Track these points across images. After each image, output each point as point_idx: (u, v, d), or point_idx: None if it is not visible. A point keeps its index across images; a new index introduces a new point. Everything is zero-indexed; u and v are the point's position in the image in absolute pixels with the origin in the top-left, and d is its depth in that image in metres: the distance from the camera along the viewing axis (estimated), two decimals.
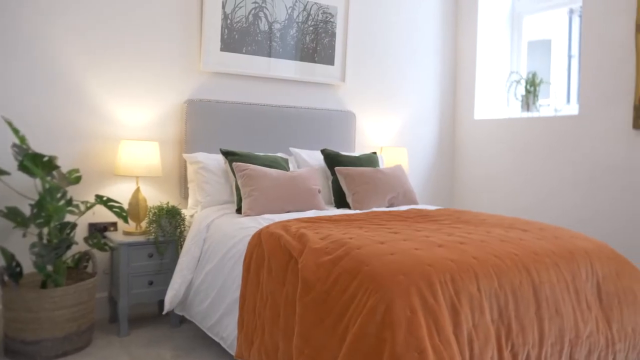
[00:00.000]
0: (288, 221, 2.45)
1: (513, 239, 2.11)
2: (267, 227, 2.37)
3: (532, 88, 4.09)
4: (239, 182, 2.90)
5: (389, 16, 4.21)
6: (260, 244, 2.29)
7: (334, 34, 3.88)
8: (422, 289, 1.68)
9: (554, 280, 1.96)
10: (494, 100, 4.51)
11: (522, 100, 4.15)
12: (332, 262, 1.90)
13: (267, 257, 2.21)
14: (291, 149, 3.51)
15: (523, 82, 4.19)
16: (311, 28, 3.77)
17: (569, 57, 4.35)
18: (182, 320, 3.00)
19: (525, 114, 4.12)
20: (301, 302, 1.88)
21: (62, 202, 2.59)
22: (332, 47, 3.88)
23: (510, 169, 4.13)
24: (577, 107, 3.76)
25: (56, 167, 2.55)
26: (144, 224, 3.02)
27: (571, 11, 4.24)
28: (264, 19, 3.56)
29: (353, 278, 1.78)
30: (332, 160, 3.38)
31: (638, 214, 3.34)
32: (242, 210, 2.82)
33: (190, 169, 3.17)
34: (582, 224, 3.61)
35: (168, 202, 3.02)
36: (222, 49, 3.42)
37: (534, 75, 4.11)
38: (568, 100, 4.18)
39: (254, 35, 3.53)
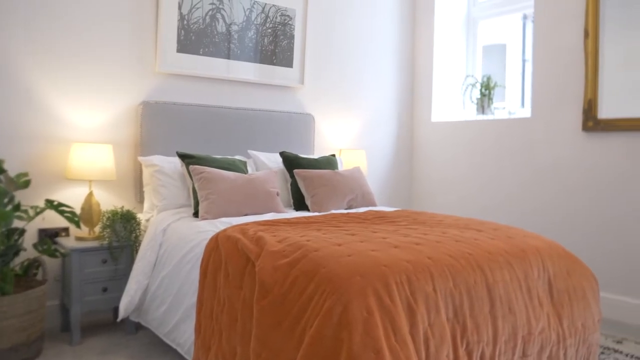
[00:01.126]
0: (246, 224, 2.43)
1: (468, 239, 2.15)
2: (225, 230, 2.34)
3: (487, 91, 4.19)
4: (195, 186, 2.86)
5: (348, 20, 4.24)
6: (217, 247, 2.27)
7: (292, 37, 3.87)
8: (379, 289, 1.69)
9: (507, 279, 2.00)
10: (451, 103, 4.59)
11: (477, 103, 4.25)
12: (289, 265, 1.89)
13: (224, 261, 2.18)
14: (250, 151, 3.48)
15: (478, 86, 4.29)
16: (270, 30, 3.76)
17: (523, 61, 4.47)
18: (138, 327, 2.93)
19: (481, 117, 4.22)
20: (258, 306, 1.87)
21: (9, 207, 2.49)
22: (291, 50, 3.87)
23: (467, 171, 4.21)
24: (530, 110, 3.86)
25: (3, 171, 2.45)
26: (97, 229, 2.94)
27: (525, 17, 4.36)
28: (221, 21, 3.53)
29: (310, 280, 1.78)
30: (291, 162, 3.38)
31: (588, 213, 3.46)
32: (199, 214, 2.78)
33: (145, 172, 3.10)
34: (535, 224, 3.71)
35: (123, 207, 2.95)
36: (178, 50, 3.37)
37: (489, 78, 4.21)
38: (523, 104, 4.30)
39: (212, 36, 3.49)
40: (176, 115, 3.30)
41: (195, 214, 2.87)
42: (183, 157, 3.02)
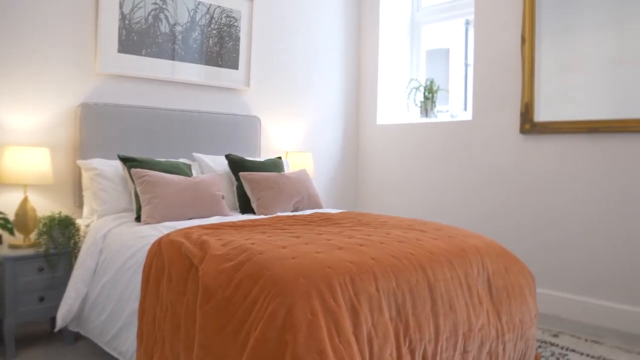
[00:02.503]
0: (190, 228, 2.39)
1: (410, 240, 2.19)
2: (168, 235, 2.29)
3: (430, 95, 4.29)
4: (138, 189, 2.79)
5: (294, 23, 4.25)
6: (160, 252, 2.22)
7: (238, 38, 3.84)
8: (323, 291, 1.70)
9: (448, 278, 2.06)
10: (396, 106, 4.68)
11: (421, 107, 4.34)
12: (233, 268, 1.88)
13: (167, 266, 2.14)
14: (194, 154, 3.43)
15: (422, 89, 4.38)
16: (215, 31, 3.72)
17: (466, 65, 4.60)
18: (77, 337, 2.82)
19: (424, 120, 4.31)
20: (202, 311, 1.84)
21: None
22: (237, 52, 3.84)
23: (412, 172, 4.29)
24: (471, 113, 3.98)
25: None
26: (33, 235, 2.82)
27: (467, 22, 4.49)
28: (164, 21, 3.46)
29: (254, 283, 1.77)
30: (237, 165, 3.35)
31: (524, 212, 3.60)
32: (142, 219, 2.71)
33: (85, 176, 3.00)
34: (475, 223, 3.82)
35: (60, 212, 2.84)
36: (120, 51, 3.28)
37: (432, 82, 4.31)
38: (465, 107, 4.42)
39: (154, 37, 3.42)
40: (118, 118, 3.21)
41: (138, 219, 2.80)
42: (125, 160, 2.94)
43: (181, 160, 3.29)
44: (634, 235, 3.11)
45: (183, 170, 3.05)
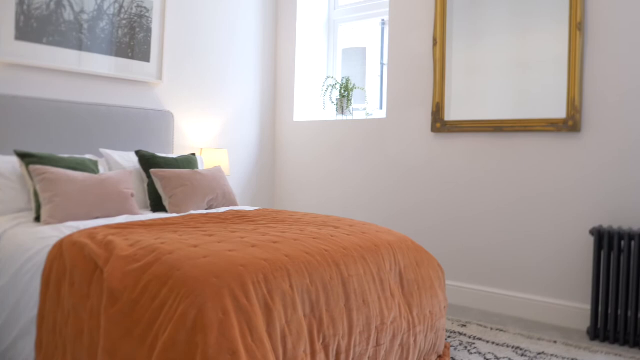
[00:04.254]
0: (95, 228, 2.26)
1: (324, 236, 2.20)
2: (71, 235, 2.16)
3: (346, 93, 4.34)
4: (37, 187, 2.60)
5: (210, 16, 4.15)
6: (61, 254, 2.09)
7: (149, 30, 3.69)
8: (235, 290, 1.67)
9: (362, 273, 2.08)
10: (312, 103, 4.69)
11: (337, 104, 4.38)
12: (141, 269, 1.80)
13: (70, 269, 2.01)
14: (102, 150, 3.25)
15: (338, 87, 4.43)
16: (125, 22, 3.55)
17: (382, 64, 4.70)
18: None
19: (340, 117, 4.36)
20: (107, 315, 1.75)
21: None
22: (148, 44, 3.69)
23: (328, 169, 4.33)
24: (385, 111, 4.07)
25: None
26: None
27: (383, 22, 4.58)
28: (68, 8, 3.26)
29: (163, 284, 1.70)
30: (148, 162, 3.22)
31: (435, 208, 3.73)
32: (42, 219, 2.53)
33: None
34: (390, 219, 3.92)
35: None
36: (17, 38, 3.05)
37: (348, 80, 4.36)
38: (381, 105, 4.51)
39: (57, 25, 3.21)
40: (15, 110, 2.98)
41: (38, 219, 2.61)
42: (22, 156, 2.74)
43: (87, 156, 3.11)
44: (534, 227, 3.31)
45: (89, 167, 2.89)
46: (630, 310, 2.83)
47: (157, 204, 3.14)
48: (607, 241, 2.89)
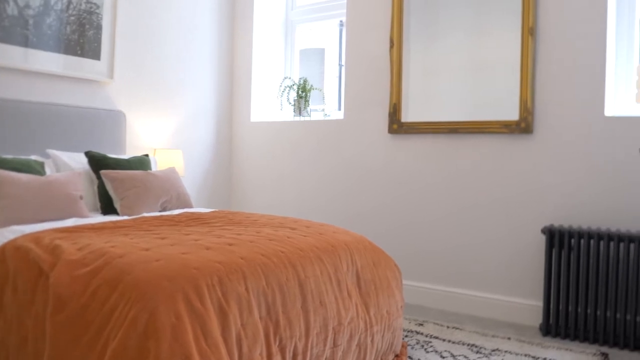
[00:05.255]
0: (41, 232, 2.17)
1: (281, 237, 2.17)
2: (14, 240, 2.07)
3: (303, 93, 4.32)
4: None
5: (164, 14, 4.05)
6: (4, 260, 2.00)
7: (100, 27, 3.58)
8: (189, 293, 1.63)
9: (318, 274, 2.07)
10: (269, 104, 4.66)
11: (294, 105, 4.36)
12: (90, 274, 1.74)
13: (13, 275, 1.93)
14: (49, 151, 3.12)
15: (295, 88, 4.40)
16: (73, 18, 3.43)
17: (340, 65, 4.71)
18: None
19: (297, 118, 4.34)
20: (53, 321, 1.68)
21: None
22: (98, 41, 3.57)
23: (285, 171, 4.30)
24: (343, 112, 4.07)
25: None
26: None
27: (341, 23, 4.59)
28: (12, 3, 3.12)
29: (113, 289, 1.65)
30: (98, 163, 3.11)
31: (392, 209, 3.75)
32: None
33: None
34: (347, 221, 3.92)
35: None
36: None
37: (305, 81, 4.35)
38: (340, 106, 4.51)
39: (0, 20, 3.07)
40: None
41: None
42: None
43: (32, 157, 2.98)
44: (488, 227, 3.38)
45: (34, 169, 2.77)
46: (580, 306, 2.91)
47: (107, 207, 3.04)
48: (558, 239, 2.97)
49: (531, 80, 3.20)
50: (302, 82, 4.35)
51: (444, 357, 2.61)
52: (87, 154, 3.14)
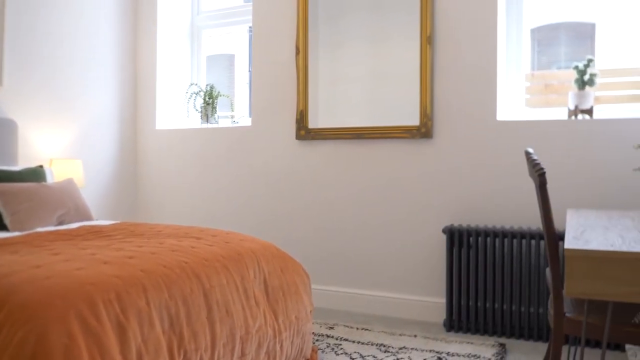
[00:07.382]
0: None
1: (185, 248, 2.12)
2: None
3: (211, 100, 4.26)
4: None
5: (60, 17, 3.83)
6: None
7: None
8: (83, 311, 1.54)
9: (224, 283, 2.04)
10: (176, 111, 4.54)
11: (201, 112, 4.28)
12: None
13: None
14: None
15: (202, 94, 4.33)
16: None
17: (250, 72, 4.68)
18: None
19: (205, 125, 4.27)
20: None
21: None
22: None
23: (193, 179, 4.21)
24: (250, 119, 4.05)
25: None
26: None
27: (251, 29, 4.56)
28: None
29: None
30: None
31: (300, 215, 3.78)
32: None
33: None
34: (257, 228, 3.91)
35: None
36: None
37: (212, 87, 4.28)
38: (250, 113, 4.48)
39: None
40: None
41: None
42: None
43: None
44: (392, 229, 3.49)
45: None
46: (480, 300, 3.08)
47: None
48: (457, 238, 3.13)
49: (430, 87, 3.35)
50: (209, 88, 4.28)
51: (353, 359, 2.66)
52: None
